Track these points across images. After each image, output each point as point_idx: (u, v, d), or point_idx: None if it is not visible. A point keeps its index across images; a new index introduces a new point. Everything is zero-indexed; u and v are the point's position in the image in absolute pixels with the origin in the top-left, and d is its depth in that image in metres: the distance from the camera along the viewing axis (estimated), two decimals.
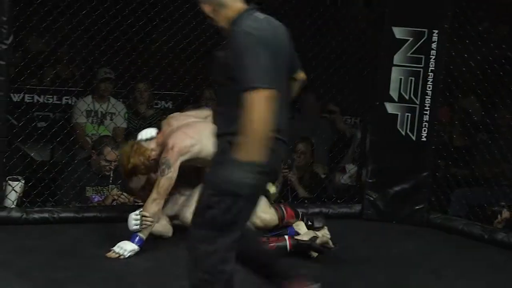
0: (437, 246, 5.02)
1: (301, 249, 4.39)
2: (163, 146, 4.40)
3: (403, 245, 4.97)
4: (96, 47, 5.37)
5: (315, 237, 4.43)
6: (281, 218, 4.72)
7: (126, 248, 4.24)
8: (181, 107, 6.43)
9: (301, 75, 3.19)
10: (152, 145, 4.47)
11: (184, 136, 4.40)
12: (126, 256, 4.22)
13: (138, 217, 4.29)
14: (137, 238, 4.29)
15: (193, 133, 4.41)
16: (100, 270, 3.97)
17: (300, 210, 5.20)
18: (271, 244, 4.28)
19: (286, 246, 4.35)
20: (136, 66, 5.58)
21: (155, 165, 4.42)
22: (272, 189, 4.66)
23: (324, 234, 4.51)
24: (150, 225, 4.29)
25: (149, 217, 4.27)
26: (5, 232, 4.54)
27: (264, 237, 4.30)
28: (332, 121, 6.82)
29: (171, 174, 4.30)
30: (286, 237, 4.40)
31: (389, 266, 4.42)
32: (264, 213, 4.59)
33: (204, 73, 5.78)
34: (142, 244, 4.28)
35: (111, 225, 4.69)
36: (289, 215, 4.76)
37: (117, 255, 4.22)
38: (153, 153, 4.44)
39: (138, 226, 4.29)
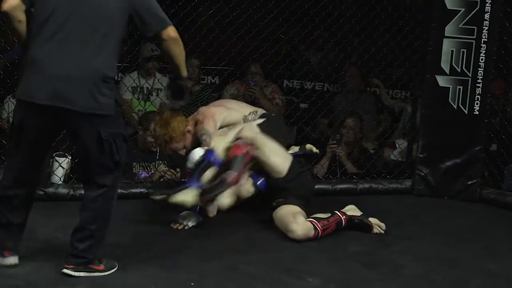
0: (490, 222, 4.98)
1: (354, 223, 4.40)
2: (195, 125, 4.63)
3: (454, 221, 4.94)
4: None
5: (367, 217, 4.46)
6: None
7: (189, 218, 4.33)
8: (227, 82, 6.46)
9: None
10: (189, 127, 4.63)
11: (207, 108, 4.79)
12: (190, 226, 4.34)
13: (202, 150, 4.39)
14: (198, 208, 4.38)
15: (217, 103, 4.92)
16: (150, 247, 4.01)
17: (349, 186, 5.27)
18: (331, 225, 4.29)
19: (342, 223, 4.36)
20: (182, 40, 5.56)
21: (190, 140, 4.59)
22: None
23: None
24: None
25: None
26: (53, 209, 4.60)
27: (325, 219, 4.30)
28: (377, 96, 6.78)
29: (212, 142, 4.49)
30: (340, 214, 4.39)
31: (440, 243, 4.40)
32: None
33: (250, 47, 5.77)
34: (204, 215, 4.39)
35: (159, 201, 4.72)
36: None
37: (181, 226, 4.33)
38: (190, 127, 4.62)
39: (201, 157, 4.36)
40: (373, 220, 4.46)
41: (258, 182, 4.46)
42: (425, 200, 5.45)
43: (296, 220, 4.24)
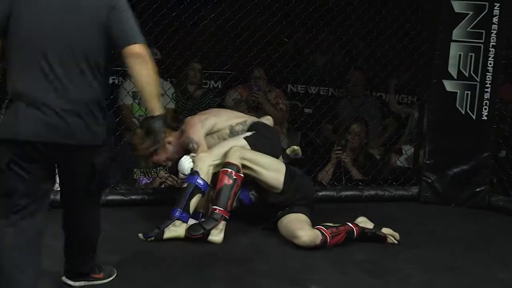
0: (499, 230, 4.97)
1: (366, 236, 4.38)
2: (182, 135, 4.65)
3: (462, 229, 4.92)
4: (142, 25, 5.38)
5: (379, 226, 4.44)
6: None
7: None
8: (229, 86, 6.46)
9: None
10: (170, 137, 4.63)
11: (192, 117, 4.80)
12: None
13: (189, 158, 4.45)
14: (200, 215, 4.41)
15: (204, 112, 4.87)
16: (151, 254, 4.01)
17: (354, 193, 5.28)
18: (341, 233, 4.28)
19: (353, 233, 4.34)
20: (184, 44, 5.58)
21: (172, 151, 4.63)
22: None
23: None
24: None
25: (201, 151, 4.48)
26: (50, 217, 4.59)
27: (334, 227, 4.29)
28: (383, 101, 6.77)
29: (201, 148, 4.53)
30: (352, 225, 4.37)
31: (448, 251, 4.38)
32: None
33: (253, 51, 5.77)
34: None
35: (160, 208, 4.71)
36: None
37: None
38: (170, 138, 4.62)
39: (192, 164, 4.42)
40: (386, 230, 4.43)
41: (241, 196, 4.49)
42: (432, 207, 5.43)
43: (302, 226, 4.24)
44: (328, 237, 4.21)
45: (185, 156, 4.50)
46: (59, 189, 3.27)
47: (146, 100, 3.07)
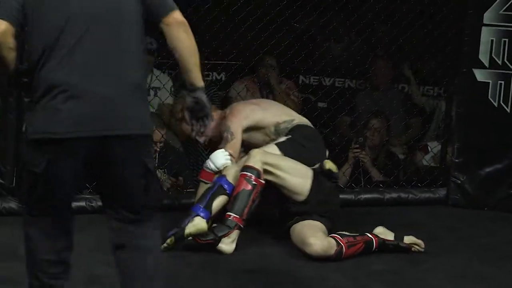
0: None
1: (387, 249, 4.39)
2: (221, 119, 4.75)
3: (496, 235, 4.93)
4: None
5: (400, 236, 4.45)
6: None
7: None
8: (235, 78, 6.47)
9: None
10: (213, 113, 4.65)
11: (238, 103, 4.94)
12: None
13: (227, 152, 4.55)
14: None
15: (254, 101, 4.94)
16: None
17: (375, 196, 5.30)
18: (359, 244, 4.30)
19: (372, 244, 4.34)
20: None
21: (210, 130, 4.54)
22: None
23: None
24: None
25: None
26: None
27: (351, 236, 4.31)
28: (406, 93, 6.78)
29: (234, 141, 4.62)
30: (371, 235, 4.38)
31: (478, 260, 4.39)
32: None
33: (260, 39, 5.78)
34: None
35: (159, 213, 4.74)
36: None
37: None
38: (213, 114, 4.59)
39: (229, 161, 4.53)
40: (408, 239, 4.43)
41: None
42: (461, 211, 5.43)
43: (315, 234, 4.25)
44: (344, 246, 4.22)
45: (221, 150, 4.60)
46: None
47: (191, 70, 2.98)
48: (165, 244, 4.16)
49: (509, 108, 5.44)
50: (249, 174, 4.31)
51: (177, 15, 2.95)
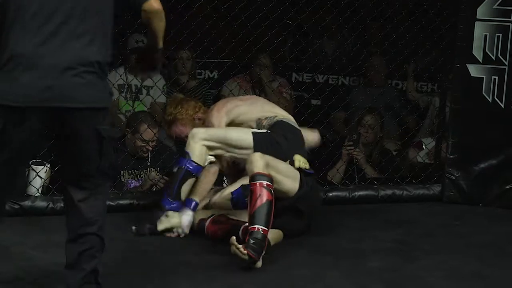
0: None
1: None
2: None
3: (491, 232, 4.91)
4: None
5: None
6: None
7: (182, 222, 4.43)
8: (227, 76, 6.45)
9: None
10: (200, 114, 4.81)
11: (228, 99, 5.01)
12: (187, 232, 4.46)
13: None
14: (193, 203, 4.48)
15: (240, 97, 5.01)
16: (143, 265, 4.01)
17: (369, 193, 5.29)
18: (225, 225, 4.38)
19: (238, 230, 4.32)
20: (175, 29, 5.57)
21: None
22: None
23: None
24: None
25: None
26: (30, 224, 4.60)
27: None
28: (400, 89, 6.78)
29: None
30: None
31: (475, 257, 4.37)
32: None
33: (253, 36, 5.76)
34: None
35: (150, 214, 4.72)
36: None
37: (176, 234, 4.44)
38: (201, 115, 4.80)
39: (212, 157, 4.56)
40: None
41: (234, 196, 4.53)
42: (456, 207, 5.42)
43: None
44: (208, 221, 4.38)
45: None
46: None
47: (157, 37, 3.39)
48: (134, 231, 4.45)
49: (503, 103, 5.43)
50: (265, 182, 4.18)
51: (155, 4, 3.30)
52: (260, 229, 4.04)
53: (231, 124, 4.73)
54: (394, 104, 6.55)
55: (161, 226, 4.45)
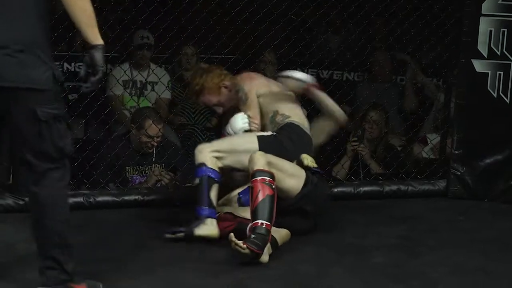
0: None
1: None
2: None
3: (496, 228, 4.92)
4: (132, 4, 5.40)
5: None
6: None
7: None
8: (231, 72, 6.45)
9: None
10: (227, 82, 4.80)
11: (255, 73, 5.00)
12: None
13: (246, 116, 4.60)
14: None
15: (266, 78, 4.98)
16: (147, 261, 4.02)
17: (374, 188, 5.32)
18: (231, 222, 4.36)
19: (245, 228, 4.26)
20: (179, 25, 5.58)
21: (228, 97, 4.77)
22: None
23: None
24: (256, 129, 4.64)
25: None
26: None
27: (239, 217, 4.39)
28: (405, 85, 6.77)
29: (249, 102, 4.69)
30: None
31: (480, 253, 4.37)
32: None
33: (257, 32, 5.76)
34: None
35: (156, 210, 4.73)
36: None
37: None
38: (227, 83, 4.78)
39: (247, 125, 4.61)
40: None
41: (241, 196, 4.55)
42: (461, 203, 5.43)
43: None
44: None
45: (242, 114, 4.66)
46: None
47: (83, 31, 3.22)
48: (171, 235, 4.34)
49: (508, 98, 5.43)
50: (266, 178, 4.17)
51: None
52: (264, 224, 4.03)
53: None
54: (398, 99, 6.54)
55: (199, 232, 4.33)
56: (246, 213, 4.33)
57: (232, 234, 3.97)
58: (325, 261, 4.12)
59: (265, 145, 4.52)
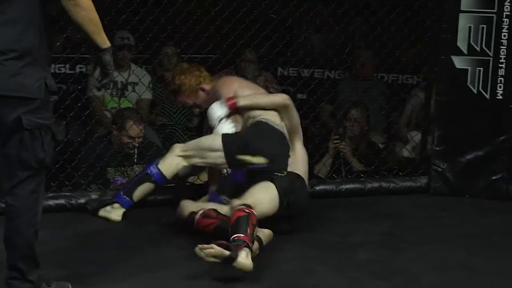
0: None
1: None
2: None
3: (478, 223, 4.94)
4: (112, 4, 5.38)
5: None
6: None
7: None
8: (212, 71, 6.44)
9: None
10: (205, 85, 4.83)
11: (233, 77, 5.14)
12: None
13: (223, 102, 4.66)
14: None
15: (245, 83, 4.97)
16: (129, 262, 4.00)
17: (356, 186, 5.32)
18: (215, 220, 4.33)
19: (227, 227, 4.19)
20: (159, 25, 5.57)
21: (205, 100, 4.81)
22: None
23: None
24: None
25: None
26: None
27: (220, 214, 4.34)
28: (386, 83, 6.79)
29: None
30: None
31: (462, 248, 4.39)
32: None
33: (237, 31, 5.75)
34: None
35: (138, 211, 4.72)
36: None
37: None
38: (206, 86, 4.82)
39: (225, 111, 4.66)
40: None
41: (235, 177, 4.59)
42: (443, 199, 5.43)
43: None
44: (199, 215, 4.31)
45: (216, 103, 4.69)
46: None
47: (91, 38, 3.33)
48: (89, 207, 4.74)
49: (488, 94, 5.44)
50: (240, 206, 4.08)
51: None
52: (240, 236, 3.92)
53: None
54: (379, 97, 6.56)
55: (103, 213, 4.66)
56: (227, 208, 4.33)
57: (197, 247, 3.85)
58: (310, 259, 4.12)
59: (228, 142, 4.54)
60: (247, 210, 4.07)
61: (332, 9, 6.00)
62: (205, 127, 4.91)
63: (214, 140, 4.58)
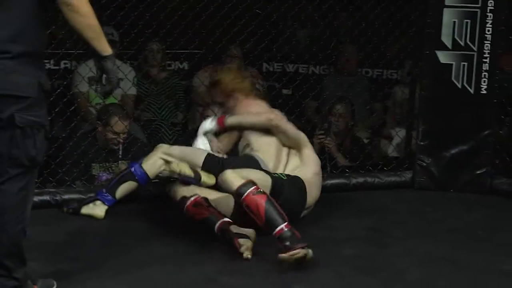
0: (503, 218, 4.99)
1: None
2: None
3: (463, 218, 4.96)
4: (96, 1, 5.35)
5: None
6: None
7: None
8: (198, 67, 6.44)
9: None
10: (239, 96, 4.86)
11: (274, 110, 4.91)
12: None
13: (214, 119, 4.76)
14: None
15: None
16: (114, 259, 3.99)
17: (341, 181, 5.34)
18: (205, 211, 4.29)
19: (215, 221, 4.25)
20: (144, 21, 5.55)
21: (232, 105, 4.86)
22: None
23: None
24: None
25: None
26: None
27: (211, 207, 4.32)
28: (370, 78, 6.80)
29: (227, 134, 4.80)
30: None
31: (447, 243, 4.41)
32: None
33: (223, 26, 5.75)
34: None
35: (124, 206, 4.71)
36: None
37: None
38: (238, 95, 4.85)
39: (213, 127, 4.74)
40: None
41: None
42: (428, 194, 5.45)
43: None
44: (190, 202, 4.30)
45: (211, 118, 4.81)
46: None
47: (90, 43, 3.30)
48: (64, 209, 4.76)
49: (472, 89, 5.46)
50: (250, 189, 4.05)
51: None
52: (283, 228, 3.95)
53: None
54: (364, 92, 6.57)
55: (86, 210, 4.68)
56: (221, 206, 4.33)
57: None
58: None
59: (209, 162, 4.56)
60: (259, 190, 4.08)
61: (317, 5, 5.99)
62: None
63: (197, 156, 4.61)
